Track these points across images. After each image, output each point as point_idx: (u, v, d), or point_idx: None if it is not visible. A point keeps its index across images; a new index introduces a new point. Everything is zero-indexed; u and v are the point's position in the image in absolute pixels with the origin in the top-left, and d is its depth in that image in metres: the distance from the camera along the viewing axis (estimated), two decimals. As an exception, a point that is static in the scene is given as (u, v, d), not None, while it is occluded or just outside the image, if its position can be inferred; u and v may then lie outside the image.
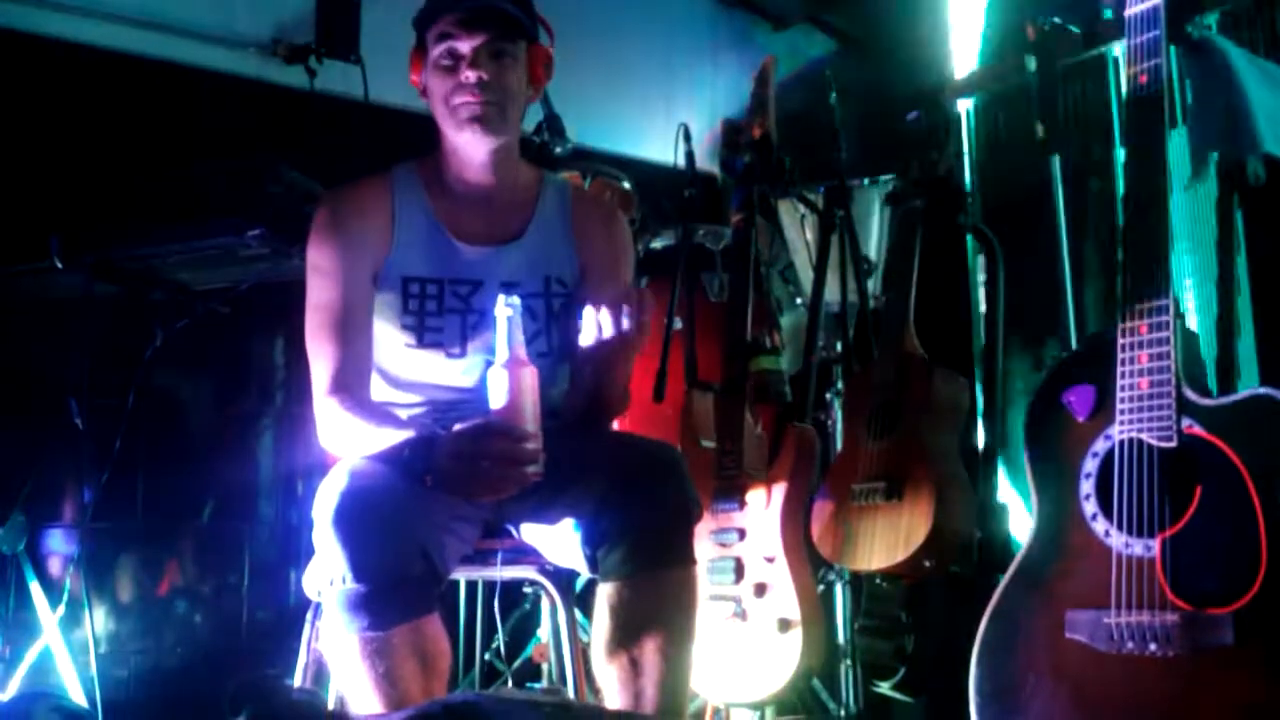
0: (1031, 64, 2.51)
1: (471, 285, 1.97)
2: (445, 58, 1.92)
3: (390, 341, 1.96)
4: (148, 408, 2.67)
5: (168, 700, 2.90)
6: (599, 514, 1.76)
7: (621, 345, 1.77)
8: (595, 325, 1.76)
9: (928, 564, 2.24)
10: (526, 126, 2.80)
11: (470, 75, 1.90)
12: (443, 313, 1.95)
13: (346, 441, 1.83)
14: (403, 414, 1.94)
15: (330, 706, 1.87)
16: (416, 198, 2.00)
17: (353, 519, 1.63)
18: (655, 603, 1.75)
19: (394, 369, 1.98)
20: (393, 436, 1.77)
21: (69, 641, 2.55)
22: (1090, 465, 1.79)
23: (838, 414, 2.89)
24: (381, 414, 1.87)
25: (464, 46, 1.90)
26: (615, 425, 2.09)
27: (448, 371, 1.97)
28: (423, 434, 1.77)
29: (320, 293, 1.92)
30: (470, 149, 1.96)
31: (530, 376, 1.68)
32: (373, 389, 1.97)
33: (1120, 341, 1.76)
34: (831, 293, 2.81)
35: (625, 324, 1.74)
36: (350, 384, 1.88)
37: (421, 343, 1.95)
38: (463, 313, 1.96)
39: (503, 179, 2.01)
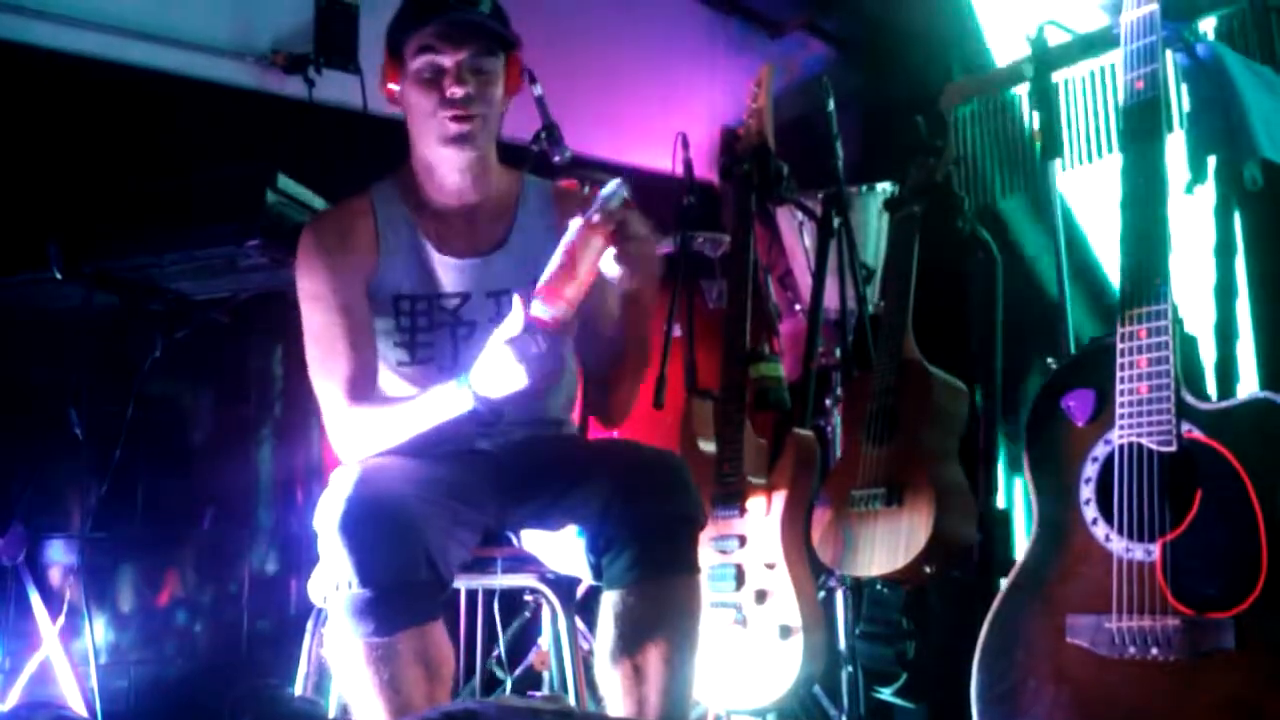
0: (1029, 70, 2.51)
1: (459, 297, 1.96)
2: (427, 70, 1.88)
3: (384, 359, 1.96)
4: (147, 417, 2.66)
5: (168, 710, 2.90)
6: (603, 521, 1.76)
7: (631, 276, 1.74)
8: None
9: (928, 569, 2.24)
10: (524, 135, 2.83)
11: (457, 91, 1.86)
12: (433, 328, 1.95)
13: (384, 438, 1.82)
14: None
15: (331, 715, 1.87)
16: (399, 214, 1.98)
17: (359, 524, 1.63)
18: (659, 610, 1.75)
19: (387, 385, 1.98)
20: (423, 404, 1.78)
21: (69, 652, 2.54)
22: (1090, 470, 1.79)
23: (837, 420, 2.89)
24: (398, 401, 1.88)
25: (447, 61, 1.87)
26: (630, 407, 2.06)
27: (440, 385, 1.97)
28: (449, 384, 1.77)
29: (318, 316, 1.90)
30: (447, 164, 1.94)
31: (601, 242, 1.69)
32: None
33: (1119, 346, 1.76)
34: (830, 299, 2.82)
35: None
36: (367, 393, 1.88)
37: (415, 359, 1.95)
38: (451, 325, 1.95)
39: (481, 189, 1.99)
